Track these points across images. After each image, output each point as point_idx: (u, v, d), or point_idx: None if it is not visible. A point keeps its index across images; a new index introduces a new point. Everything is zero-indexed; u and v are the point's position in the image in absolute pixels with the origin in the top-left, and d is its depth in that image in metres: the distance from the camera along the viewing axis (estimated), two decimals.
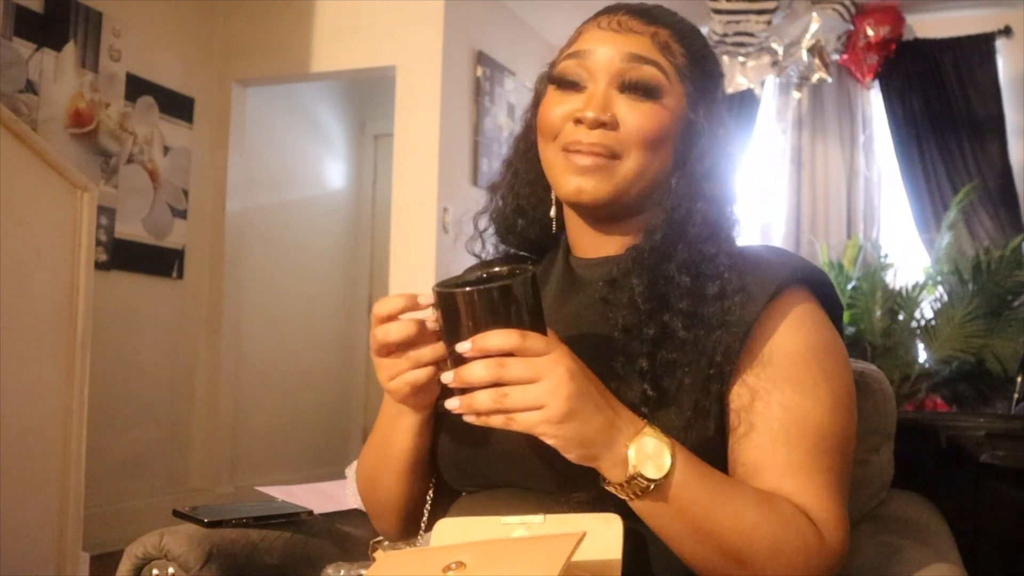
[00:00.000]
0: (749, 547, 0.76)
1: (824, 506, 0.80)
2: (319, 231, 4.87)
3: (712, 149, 0.91)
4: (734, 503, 0.77)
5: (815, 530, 0.79)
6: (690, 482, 0.76)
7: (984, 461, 1.47)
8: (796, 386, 0.83)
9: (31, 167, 2.22)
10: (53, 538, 2.23)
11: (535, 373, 0.71)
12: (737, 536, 0.76)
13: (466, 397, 0.73)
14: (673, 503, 0.76)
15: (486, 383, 0.72)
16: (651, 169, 0.89)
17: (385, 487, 0.97)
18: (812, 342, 0.86)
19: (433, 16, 3.72)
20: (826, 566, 0.79)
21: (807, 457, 0.81)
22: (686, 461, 0.77)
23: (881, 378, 1.24)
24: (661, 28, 0.91)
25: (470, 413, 0.73)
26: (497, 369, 0.71)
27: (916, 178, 4.22)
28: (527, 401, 0.71)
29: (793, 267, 0.88)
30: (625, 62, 0.89)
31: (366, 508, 1.04)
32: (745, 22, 3.94)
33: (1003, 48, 4.13)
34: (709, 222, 0.88)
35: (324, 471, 4.12)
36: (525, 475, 0.86)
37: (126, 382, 3.56)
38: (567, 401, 0.71)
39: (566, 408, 0.71)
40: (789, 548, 0.77)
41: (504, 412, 0.72)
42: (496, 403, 0.72)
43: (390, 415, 0.93)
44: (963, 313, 3.50)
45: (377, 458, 0.97)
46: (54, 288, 2.27)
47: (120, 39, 3.51)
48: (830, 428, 0.83)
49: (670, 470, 0.75)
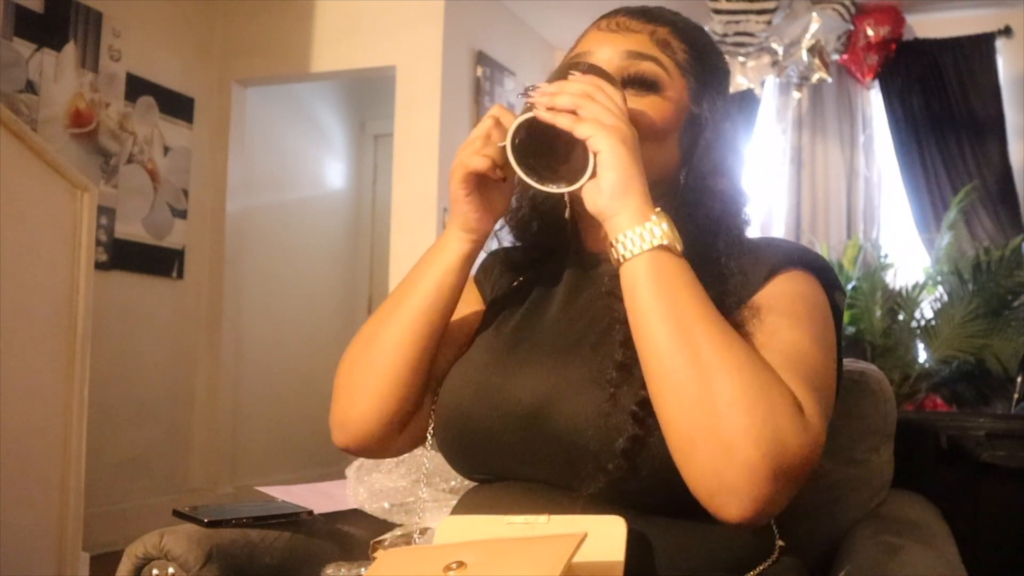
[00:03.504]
0: (722, 363, 0.71)
1: (805, 401, 0.74)
2: (319, 231, 4.87)
3: (717, 143, 0.92)
4: (722, 323, 0.75)
5: (796, 402, 0.73)
6: (692, 271, 0.78)
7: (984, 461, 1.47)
8: (785, 317, 0.83)
9: (31, 167, 2.22)
10: (53, 538, 2.23)
11: (612, 107, 0.79)
12: (717, 341, 0.73)
13: (546, 96, 0.80)
14: (668, 273, 0.76)
15: (570, 94, 0.79)
16: (655, 162, 0.90)
17: (388, 335, 0.91)
18: (802, 292, 0.87)
19: (433, 16, 3.72)
20: (801, 443, 0.71)
21: (792, 368, 0.77)
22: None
23: (881, 378, 1.24)
24: (660, 26, 0.94)
25: (548, 108, 0.79)
26: (581, 88, 0.80)
27: (916, 178, 4.22)
28: (601, 114, 0.78)
29: (791, 252, 0.89)
30: (624, 60, 0.91)
31: (341, 379, 0.95)
32: (745, 22, 3.93)
33: (1003, 48, 4.13)
34: (713, 219, 0.89)
35: (324, 471, 4.11)
36: (531, 465, 0.86)
37: (126, 382, 3.56)
38: (629, 132, 0.79)
39: (628, 134, 0.79)
40: (761, 385, 0.71)
41: (575, 115, 0.78)
42: (575, 104, 0.78)
43: (432, 249, 0.93)
44: (963, 313, 3.50)
45: (391, 303, 0.93)
46: (54, 288, 2.27)
47: (120, 39, 3.51)
48: (815, 355, 0.81)
49: (678, 242, 0.78)
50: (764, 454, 0.69)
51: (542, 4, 4.18)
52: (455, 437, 0.92)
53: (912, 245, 4.24)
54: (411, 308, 0.91)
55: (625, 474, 0.78)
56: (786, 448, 0.70)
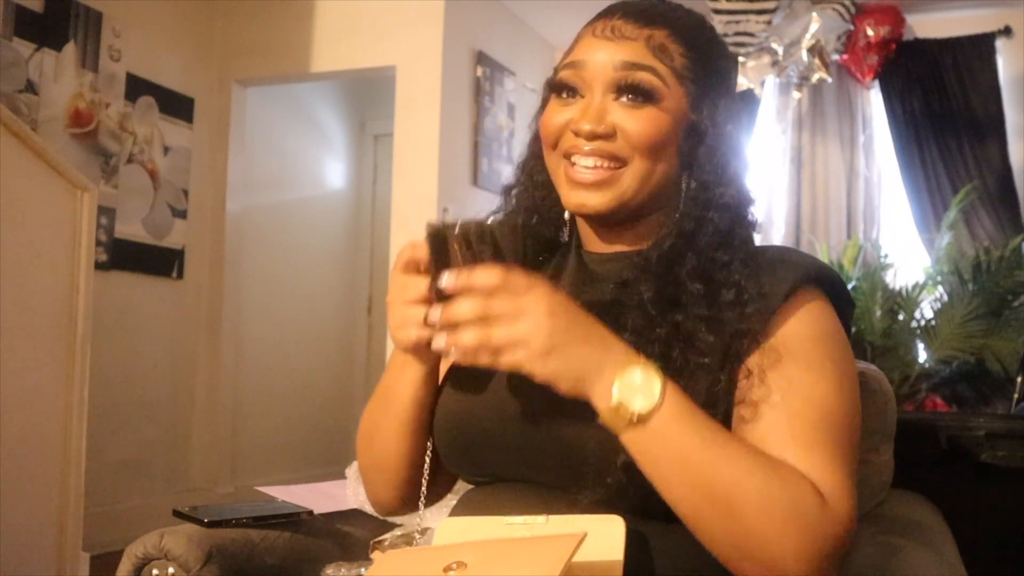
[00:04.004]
0: (741, 495, 0.73)
1: (829, 477, 0.77)
2: (319, 231, 4.87)
3: (720, 148, 0.90)
4: (728, 448, 0.76)
5: (817, 495, 0.75)
6: (683, 417, 0.75)
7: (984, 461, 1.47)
8: (801, 365, 0.82)
9: (31, 167, 2.22)
10: (53, 538, 2.23)
11: (518, 310, 0.73)
12: (729, 479, 0.74)
13: (452, 335, 0.75)
14: (661, 436, 0.75)
15: (470, 320, 0.74)
16: (654, 175, 0.89)
17: (383, 440, 0.96)
18: (819, 329, 0.86)
19: (433, 16, 3.72)
20: (832, 534, 0.75)
21: (812, 430, 0.79)
22: (679, 397, 0.76)
23: (881, 378, 1.24)
24: (657, 30, 0.90)
25: (457, 351, 0.75)
26: (481, 306, 0.73)
27: (916, 178, 4.22)
28: (511, 337, 0.73)
29: (807, 268, 0.88)
30: (619, 70, 0.88)
31: (361, 471, 1.01)
32: (745, 22, 3.93)
33: (1003, 48, 4.12)
34: (721, 231, 0.88)
35: (324, 471, 4.11)
36: (531, 468, 0.86)
37: (126, 382, 3.56)
38: (549, 337, 0.74)
39: (548, 344, 0.73)
40: (784, 505, 0.73)
41: (489, 349, 0.74)
42: (481, 340, 0.74)
43: (396, 364, 0.93)
44: (963, 313, 3.50)
45: (379, 410, 0.96)
46: (54, 288, 2.27)
47: (120, 39, 3.50)
48: (836, 404, 0.82)
49: (659, 402, 0.74)
50: (802, 561, 0.73)
51: (542, 4, 4.18)
52: (454, 438, 0.92)
53: (912, 245, 4.24)
54: (396, 418, 0.94)
55: (624, 487, 0.78)
56: (823, 547, 0.74)
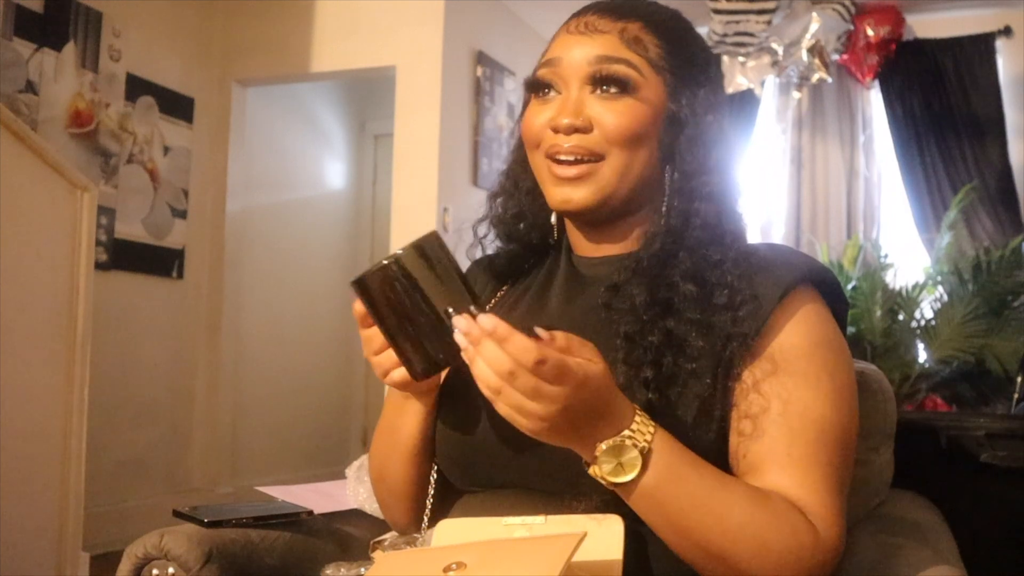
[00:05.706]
0: (733, 547, 0.75)
1: (821, 500, 0.79)
2: (319, 231, 4.87)
3: (701, 138, 0.89)
4: (719, 504, 0.76)
5: (809, 527, 0.78)
6: (667, 483, 0.75)
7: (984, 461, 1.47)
8: (798, 380, 0.82)
9: (31, 167, 2.22)
10: (53, 538, 2.23)
11: (537, 392, 0.70)
12: (720, 536, 0.75)
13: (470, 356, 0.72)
14: (645, 501, 0.75)
15: (492, 387, 0.71)
16: (634, 167, 0.89)
17: (394, 472, 0.97)
18: (815, 338, 0.85)
19: (433, 16, 3.72)
20: (820, 562, 0.78)
21: (808, 450, 0.80)
22: (666, 463, 0.75)
23: (881, 378, 1.24)
24: (630, 22, 0.90)
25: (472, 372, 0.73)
26: (508, 370, 0.69)
27: (916, 178, 4.22)
28: (520, 406, 0.71)
29: (800, 267, 0.88)
30: (593, 64, 0.88)
31: (377, 499, 1.05)
32: (745, 22, 3.93)
33: (1003, 48, 4.13)
34: (709, 225, 0.87)
35: (324, 471, 4.12)
36: (530, 476, 0.86)
37: (126, 382, 3.56)
38: (552, 423, 0.71)
39: (549, 427, 0.71)
40: (779, 547, 0.76)
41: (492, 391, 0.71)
42: (490, 385, 0.71)
43: (395, 401, 0.95)
44: (963, 313, 3.50)
45: (385, 444, 0.98)
46: (54, 288, 2.27)
47: (120, 39, 3.50)
48: (831, 421, 0.82)
49: (637, 476, 0.74)
50: None
51: (542, 4, 4.18)
52: (454, 452, 0.92)
53: (912, 245, 4.24)
54: (405, 451, 0.96)
55: (619, 496, 0.78)
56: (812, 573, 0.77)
